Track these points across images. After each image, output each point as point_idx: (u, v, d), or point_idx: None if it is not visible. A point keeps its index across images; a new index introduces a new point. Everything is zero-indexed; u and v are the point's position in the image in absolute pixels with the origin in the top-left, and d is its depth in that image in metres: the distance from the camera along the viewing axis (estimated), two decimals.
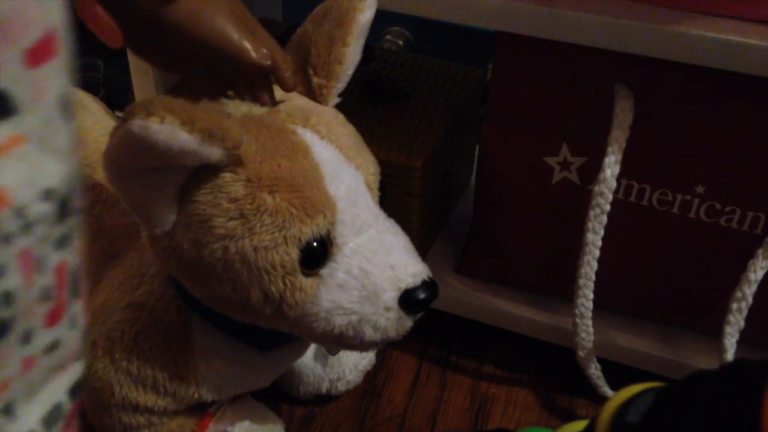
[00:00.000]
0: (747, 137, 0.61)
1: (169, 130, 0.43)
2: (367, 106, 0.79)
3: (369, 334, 0.53)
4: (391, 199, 0.74)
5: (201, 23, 0.50)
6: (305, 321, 0.53)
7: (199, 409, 0.65)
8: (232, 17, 0.51)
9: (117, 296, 0.60)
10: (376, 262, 0.52)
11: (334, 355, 0.74)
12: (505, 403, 0.78)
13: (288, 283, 0.51)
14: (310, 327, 0.53)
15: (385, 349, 0.83)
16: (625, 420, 0.38)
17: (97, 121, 0.72)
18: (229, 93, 0.56)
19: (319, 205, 0.50)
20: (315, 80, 0.57)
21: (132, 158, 0.45)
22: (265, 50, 0.52)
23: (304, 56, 0.57)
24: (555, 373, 0.81)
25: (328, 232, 0.51)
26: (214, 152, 0.46)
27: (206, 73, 0.55)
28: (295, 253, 0.50)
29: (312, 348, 0.74)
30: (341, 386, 0.75)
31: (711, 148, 0.62)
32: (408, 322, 0.54)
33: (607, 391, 0.74)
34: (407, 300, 0.52)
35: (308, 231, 0.50)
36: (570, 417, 0.77)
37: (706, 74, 0.58)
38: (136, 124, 0.43)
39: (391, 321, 0.53)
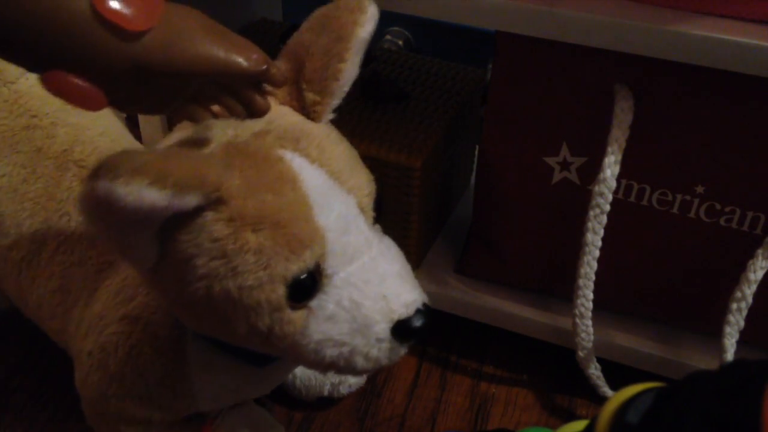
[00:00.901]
0: (747, 137, 0.61)
1: (137, 192, 0.41)
2: (367, 106, 0.79)
3: (361, 364, 0.52)
4: (391, 199, 0.74)
5: (180, 51, 0.45)
6: (295, 350, 0.51)
7: (198, 418, 0.64)
8: (208, 33, 0.46)
9: (112, 307, 0.60)
10: (367, 293, 0.51)
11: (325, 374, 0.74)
12: (505, 403, 0.78)
13: (276, 319, 0.49)
14: (301, 355, 0.52)
15: None
16: (625, 420, 0.38)
17: (94, 121, 0.72)
18: (215, 109, 0.53)
19: (306, 240, 0.48)
20: (309, 96, 0.54)
21: (102, 215, 0.44)
22: (254, 55, 0.48)
23: (298, 67, 0.55)
24: (555, 373, 0.81)
25: (318, 264, 0.50)
26: (189, 200, 0.45)
27: (194, 100, 0.52)
28: (281, 290, 0.48)
29: None
30: (343, 389, 0.75)
31: (711, 148, 0.62)
32: (401, 351, 0.52)
33: (607, 391, 0.74)
34: (400, 330, 0.51)
35: (294, 268, 0.48)
36: (570, 417, 0.77)
37: (706, 74, 0.58)
38: (101, 186, 0.41)
39: (383, 351, 0.51)
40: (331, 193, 0.51)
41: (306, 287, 0.50)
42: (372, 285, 0.51)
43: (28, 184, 0.66)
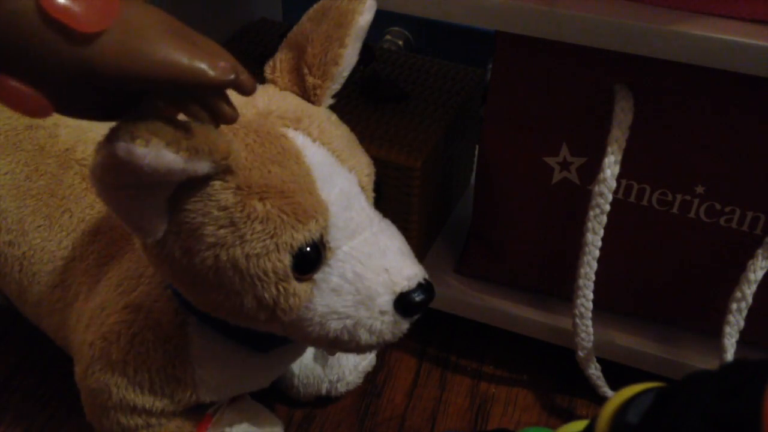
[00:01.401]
0: (747, 137, 0.61)
1: (155, 152, 0.42)
2: (367, 106, 0.79)
3: (364, 338, 0.53)
4: (391, 199, 0.74)
5: (137, 56, 0.40)
6: (300, 325, 0.53)
7: (198, 410, 0.65)
8: (170, 36, 0.41)
9: (114, 297, 0.60)
10: (370, 266, 0.52)
11: (333, 355, 0.74)
12: (505, 403, 0.78)
13: (281, 289, 0.50)
14: (305, 331, 0.53)
15: (385, 349, 0.83)
16: (625, 420, 0.38)
17: (95, 122, 0.72)
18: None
19: (310, 211, 0.50)
20: (309, 80, 0.56)
21: (118, 178, 0.45)
22: (222, 62, 0.42)
23: (299, 54, 0.56)
24: (555, 373, 0.81)
25: (321, 236, 0.51)
26: (201, 166, 0.45)
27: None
28: (287, 260, 0.50)
29: (311, 349, 0.74)
30: (341, 387, 0.75)
31: (711, 148, 0.62)
32: (404, 325, 0.53)
33: (607, 391, 0.74)
34: (403, 303, 0.52)
35: (300, 237, 0.49)
36: (570, 417, 0.77)
37: (706, 74, 0.58)
38: (121, 147, 0.42)
39: (386, 324, 0.52)
40: (333, 170, 0.52)
41: (311, 259, 0.51)
42: (374, 258, 0.52)
43: (31, 182, 0.66)
